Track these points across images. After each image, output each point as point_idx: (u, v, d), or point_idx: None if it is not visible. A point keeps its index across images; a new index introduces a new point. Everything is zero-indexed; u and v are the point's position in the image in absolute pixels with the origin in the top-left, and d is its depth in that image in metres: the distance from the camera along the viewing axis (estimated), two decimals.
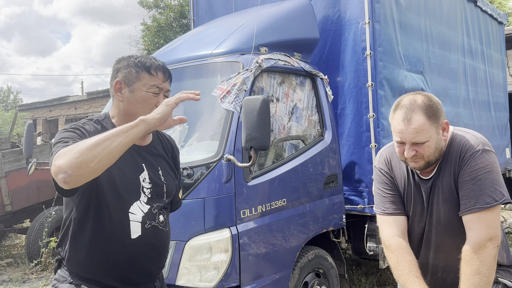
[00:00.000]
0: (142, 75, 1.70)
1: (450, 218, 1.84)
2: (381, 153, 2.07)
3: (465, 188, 1.76)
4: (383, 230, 1.97)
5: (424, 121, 1.73)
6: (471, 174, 1.75)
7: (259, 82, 3.26)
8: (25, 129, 4.02)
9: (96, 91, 21.16)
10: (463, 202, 1.77)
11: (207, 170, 2.86)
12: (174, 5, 17.58)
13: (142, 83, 1.70)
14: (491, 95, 6.36)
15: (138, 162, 1.73)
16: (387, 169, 2.00)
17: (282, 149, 3.43)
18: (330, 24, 4.07)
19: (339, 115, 4.01)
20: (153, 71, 1.71)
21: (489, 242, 1.69)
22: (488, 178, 1.73)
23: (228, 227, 2.84)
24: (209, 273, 2.79)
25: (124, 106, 1.72)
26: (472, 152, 1.76)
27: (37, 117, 24.15)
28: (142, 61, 1.73)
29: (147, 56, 1.79)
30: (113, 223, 1.64)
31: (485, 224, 1.71)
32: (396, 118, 1.79)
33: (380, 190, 2.00)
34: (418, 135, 1.73)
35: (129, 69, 1.72)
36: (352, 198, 3.95)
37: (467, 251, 1.71)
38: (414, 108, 1.75)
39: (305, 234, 3.40)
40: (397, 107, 1.81)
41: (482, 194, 1.72)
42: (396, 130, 1.78)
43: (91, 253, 1.65)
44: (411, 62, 4.32)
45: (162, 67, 1.75)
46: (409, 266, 1.80)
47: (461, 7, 5.55)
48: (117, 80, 1.73)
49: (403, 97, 1.83)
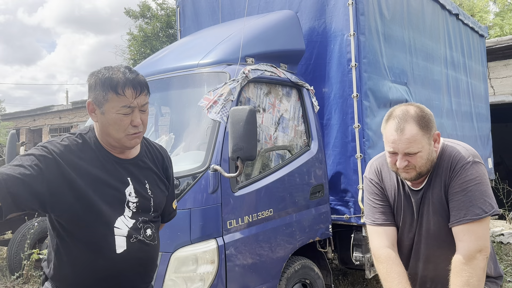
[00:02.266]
0: (110, 96, 1.58)
1: (439, 229, 1.85)
2: (372, 164, 2.08)
3: (455, 199, 1.78)
4: (373, 241, 1.97)
5: (416, 132, 1.74)
6: (461, 185, 1.76)
7: (246, 93, 3.27)
8: (7, 138, 3.97)
9: (81, 101, 20.97)
10: (453, 213, 1.78)
11: (194, 181, 2.85)
12: (161, 15, 17.59)
13: (111, 105, 1.59)
14: (473, 106, 6.49)
15: (123, 176, 1.69)
16: (378, 179, 2.01)
17: (269, 159, 3.44)
18: (316, 35, 4.12)
19: (325, 125, 4.05)
20: (120, 90, 1.58)
21: (479, 253, 1.70)
22: (478, 189, 1.75)
23: (215, 238, 2.82)
24: (195, 285, 2.76)
25: (100, 126, 1.66)
26: (462, 164, 1.78)
27: (21, 127, 23.78)
28: (109, 79, 1.59)
29: (117, 69, 1.64)
30: (97, 238, 1.62)
31: (475, 235, 1.72)
32: (388, 128, 1.80)
33: (370, 201, 2.01)
34: (411, 145, 1.74)
35: (97, 91, 1.61)
36: (338, 208, 3.96)
37: (456, 262, 1.72)
38: (407, 119, 1.76)
39: (291, 245, 3.39)
40: (389, 117, 1.82)
41: (472, 205, 1.73)
42: (388, 140, 1.79)
43: (76, 268, 1.62)
44: (395, 73, 4.39)
45: (132, 82, 1.60)
46: (398, 278, 1.81)
47: (443, 20, 5.67)
48: (88, 101, 1.65)
49: (395, 108, 1.84)
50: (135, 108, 1.63)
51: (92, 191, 1.59)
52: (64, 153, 1.56)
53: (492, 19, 16.75)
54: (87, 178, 1.59)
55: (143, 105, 1.66)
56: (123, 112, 1.61)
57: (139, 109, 1.65)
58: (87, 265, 1.62)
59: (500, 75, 9.67)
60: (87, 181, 1.59)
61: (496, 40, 9.03)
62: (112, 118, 1.61)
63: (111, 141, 1.67)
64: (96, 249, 1.62)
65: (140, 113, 1.66)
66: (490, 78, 9.57)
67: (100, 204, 1.60)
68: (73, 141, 1.64)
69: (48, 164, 1.51)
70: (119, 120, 1.61)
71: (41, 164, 1.49)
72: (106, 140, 1.69)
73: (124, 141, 1.66)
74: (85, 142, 1.66)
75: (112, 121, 1.61)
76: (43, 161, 1.50)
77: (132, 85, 1.60)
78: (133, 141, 1.68)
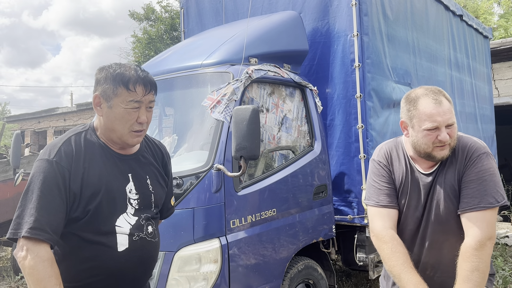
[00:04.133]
0: (120, 91, 1.62)
1: (448, 215, 1.87)
2: (381, 147, 2.10)
3: (470, 187, 1.81)
4: (375, 222, 1.97)
5: (449, 104, 1.82)
6: (477, 174, 1.81)
7: (249, 93, 3.28)
8: (12, 139, 3.98)
9: (86, 103, 21.03)
10: (466, 200, 1.81)
11: (197, 180, 2.85)
12: (165, 17, 17.67)
13: (120, 100, 1.62)
14: (478, 108, 6.47)
15: (123, 173, 1.70)
16: (387, 162, 2.02)
17: (272, 160, 3.44)
18: (319, 36, 4.13)
19: (329, 126, 4.04)
20: (131, 86, 1.62)
21: (489, 241, 1.75)
22: (493, 180, 1.80)
23: (218, 237, 2.83)
24: (198, 284, 2.76)
25: (104, 121, 1.67)
26: (479, 154, 1.83)
27: (26, 129, 23.90)
28: (121, 75, 1.62)
29: (128, 66, 1.68)
30: (98, 236, 1.62)
31: (486, 223, 1.77)
32: (424, 105, 1.82)
33: (376, 183, 2.01)
34: (451, 115, 1.80)
35: (107, 84, 1.63)
36: (342, 209, 3.96)
37: (467, 248, 1.75)
38: (437, 93, 1.83)
39: (295, 245, 3.39)
40: (416, 97, 1.85)
41: (486, 194, 1.78)
42: (428, 115, 1.80)
43: (78, 267, 1.63)
44: (399, 74, 4.38)
45: (143, 80, 1.64)
46: (403, 257, 1.82)
47: (447, 21, 5.66)
48: (95, 95, 1.67)
49: (414, 91, 1.90)
50: (143, 105, 1.66)
51: (94, 190, 1.61)
52: (67, 160, 1.59)
53: (497, 20, 16.70)
54: (88, 177, 1.61)
55: (150, 101, 1.69)
56: (131, 106, 1.64)
57: (146, 106, 1.68)
58: (87, 263, 1.62)
59: (504, 77, 9.64)
60: (89, 180, 1.61)
61: (501, 41, 8.99)
62: (119, 113, 1.64)
63: (114, 137, 1.69)
64: (97, 247, 1.62)
65: (146, 110, 1.69)
66: (495, 79, 9.53)
67: (102, 202, 1.61)
68: (73, 141, 1.65)
69: (59, 183, 1.55)
70: (127, 114, 1.64)
71: (55, 189, 1.54)
72: (108, 136, 1.70)
73: (126, 137, 1.67)
74: (86, 140, 1.67)
75: (119, 115, 1.64)
76: (54, 183, 1.55)
77: (143, 83, 1.65)
78: (135, 139, 1.70)
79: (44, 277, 1.46)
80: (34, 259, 1.46)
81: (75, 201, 1.59)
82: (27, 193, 1.54)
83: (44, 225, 1.49)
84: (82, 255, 1.62)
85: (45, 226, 1.49)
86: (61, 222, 1.55)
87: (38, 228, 1.47)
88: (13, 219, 1.52)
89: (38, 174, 1.55)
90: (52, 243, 1.51)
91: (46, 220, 1.50)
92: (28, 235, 1.46)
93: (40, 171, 1.56)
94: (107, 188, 1.63)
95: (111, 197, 1.64)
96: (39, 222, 1.48)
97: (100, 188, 1.61)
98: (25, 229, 1.47)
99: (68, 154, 1.60)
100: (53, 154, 1.58)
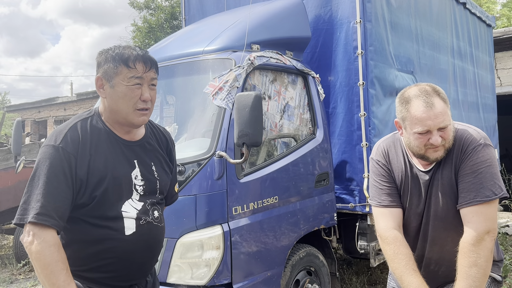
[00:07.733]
0: (120, 69, 1.62)
1: (447, 211, 1.85)
2: (379, 145, 2.06)
3: (465, 181, 1.77)
4: (379, 222, 1.96)
5: (443, 105, 1.74)
6: (472, 167, 1.76)
7: (251, 80, 3.26)
8: (13, 126, 3.96)
9: (86, 92, 21.00)
10: (463, 195, 1.78)
11: (199, 167, 2.85)
12: (165, 6, 17.55)
13: (121, 78, 1.63)
14: (480, 97, 6.44)
15: (129, 159, 1.70)
16: (385, 161, 2.00)
17: (274, 147, 3.43)
18: (321, 23, 4.09)
19: (331, 113, 4.03)
20: (131, 64, 1.62)
21: (487, 235, 1.71)
22: (489, 172, 1.75)
23: (220, 224, 2.83)
24: (201, 270, 2.77)
25: (108, 102, 1.67)
26: (474, 146, 1.78)
27: (26, 118, 23.87)
28: (120, 54, 1.64)
29: (128, 46, 1.69)
30: (105, 221, 1.63)
31: (483, 217, 1.73)
32: (415, 108, 1.75)
33: (377, 182, 2.00)
34: (444, 118, 1.72)
35: (108, 64, 1.64)
36: (343, 197, 3.96)
37: (465, 243, 1.73)
38: (431, 94, 1.75)
39: (296, 232, 3.39)
40: (408, 99, 1.79)
41: (482, 187, 1.74)
42: (419, 120, 1.74)
43: (85, 251, 1.63)
44: (402, 62, 4.35)
45: (142, 57, 1.65)
46: (405, 259, 1.81)
47: (450, 9, 5.61)
48: (97, 77, 1.67)
49: (407, 90, 1.82)
50: (144, 82, 1.66)
51: (100, 176, 1.60)
52: (73, 146, 1.58)
53: (499, 9, 16.58)
54: (94, 163, 1.61)
55: (152, 79, 1.69)
56: (133, 83, 1.64)
57: (148, 84, 1.67)
58: (94, 247, 1.63)
59: (507, 66, 9.58)
60: (95, 167, 1.60)
61: (504, 30, 8.93)
62: (122, 91, 1.64)
63: (119, 117, 1.68)
64: (105, 231, 1.63)
65: (149, 88, 1.68)
66: (497, 68, 9.48)
67: (108, 189, 1.61)
68: (79, 127, 1.64)
69: (65, 169, 1.55)
70: (129, 91, 1.64)
71: (61, 175, 1.54)
72: (113, 118, 1.69)
73: (132, 117, 1.66)
74: (91, 126, 1.66)
75: (122, 93, 1.64)
76: (61, 169, 1.54)
77: (143, 60, 1.65)
78: (141, 118, 1.68)
79: (51, 261, 1.47)
80: (40, 244, 1.47)
81: (82, 187, 1.59)
82: (33, 179, 1.53)
83: (50, 211, 1.49)
84: (89, 239, 1.62)
85: (51, 212, 1.49)
86: (67, 208, 1.55)
87: (44, 214, 1.48)
88: (20, 205, 1.53)
89: (44, 160, 1.55)
90: (58, 228, 1.52)
91: (52, 206, 1.50)
92: (35, 221, 1.47)
93: (46, 157, 1.55)
94: (113, 174, 1.63)
95: (117, 184, 1.64)
96: (45, 208, 1.49)
97: (106, 175, 1.61)
98: (31, 214, 1.48)
99: (74, 140, 1.59)
100: (59, 140, 1.58)
